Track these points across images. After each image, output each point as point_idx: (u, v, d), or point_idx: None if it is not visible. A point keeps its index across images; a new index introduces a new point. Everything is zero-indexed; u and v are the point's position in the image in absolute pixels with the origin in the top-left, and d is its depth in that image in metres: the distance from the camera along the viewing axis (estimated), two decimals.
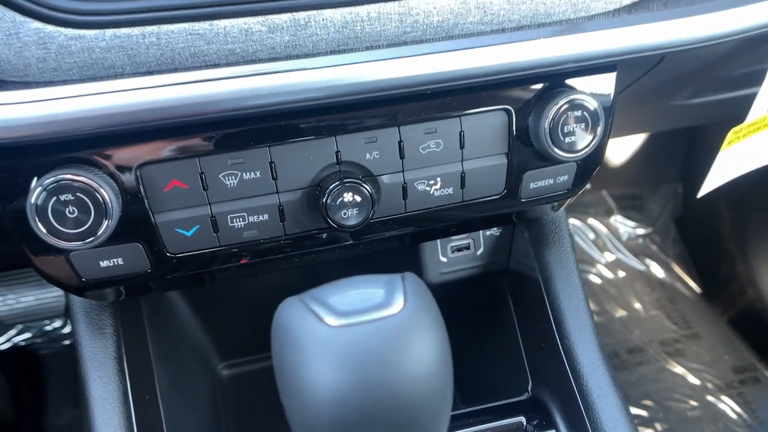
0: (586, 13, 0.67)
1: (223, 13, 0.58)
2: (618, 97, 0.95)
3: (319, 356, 0.41)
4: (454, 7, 0.62)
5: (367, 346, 0.40)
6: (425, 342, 0.43)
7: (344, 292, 0.45)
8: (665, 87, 1.05)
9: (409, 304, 0.44)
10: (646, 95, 1.07)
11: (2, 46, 0.55)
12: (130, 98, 0.56)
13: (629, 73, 0.86)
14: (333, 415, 0.40)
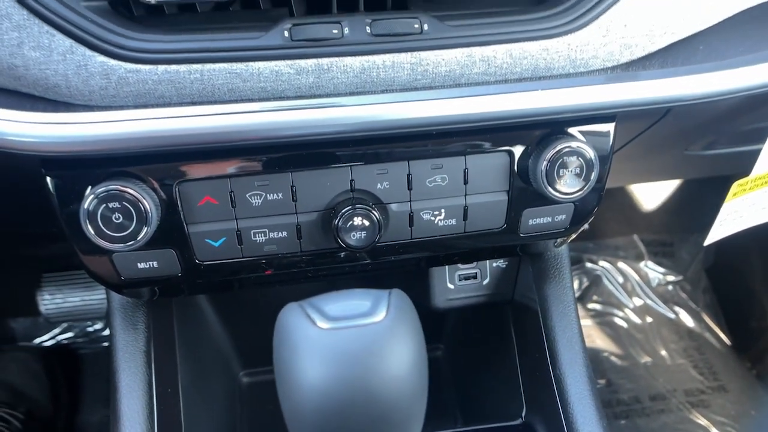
0: (584, 69, 0.74)
1: (257, 57, 0.67)
2: (632, 145, 1.01)
3: (308, 353, 0.48)
4: (461, 59, 0.70)
5: (349, 348, 0.47)
6: (400, 348, 0.49)
7: (337, 302, 0.53)
8: (679, 137, 1.09)
9: (390, 315, 0.50)
10: (660, 144, 1.12)
11: (72, 75, 0.66)
12: (176, 124, 0.65)
13: (636, 123, 0.92)
14: (316, 405, 0.47)
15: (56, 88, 0.66)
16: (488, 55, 0.71)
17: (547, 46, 0.72)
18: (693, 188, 2.17)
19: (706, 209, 2.18)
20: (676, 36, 0.76)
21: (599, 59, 0.74)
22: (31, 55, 0.65)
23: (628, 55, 0.75)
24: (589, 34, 0.72)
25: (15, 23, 0.64)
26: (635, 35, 0.74)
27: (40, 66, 0.65)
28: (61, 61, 0.65)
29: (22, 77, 0.66)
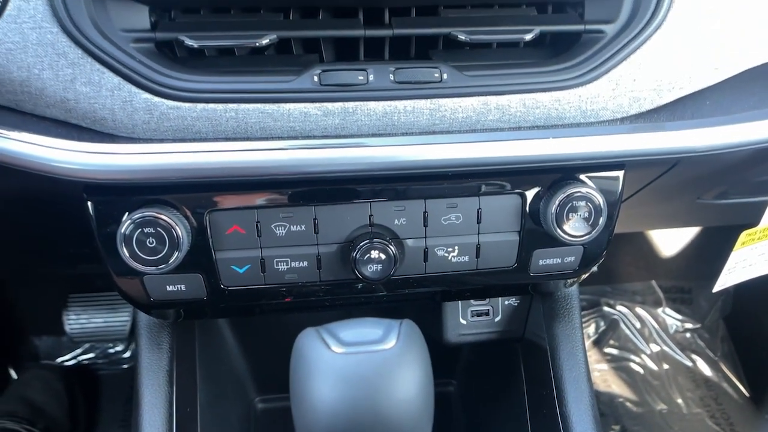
0: (594, 119, 0.78)
1: (288, 99, 0.73)
2: (644, 192, 1.04)
3: (322, 374, 0.52)
4: (477, 107, 0.75)
5: (360, 371, 0.51)
6: (408, 374, 0.53)
7: (351, 329, 0.56)
8: (690, 186, 1.12)
9: (400, 343, 0.54)
10: (672, 192, 1.15)
11: (119, 110, 0.72)
12: (211, 158, 0.71)
13: (646, 172, 0.95)
14: (328, 423, 0.50)
15: (103, 121, 0.73)
16: (503, 104, 0.75)
17: (559, 97, 0.76)
18: (712, 235, 2.18)
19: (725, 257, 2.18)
20: (683, 91, 0.80)
21: (609, 111, 0.78)
22: (82, 90, 0.71)
23: (637, 107, 0.79)
24: (600, 88, 0.77)
25: (70, 61, 0.71)
26: (644, 89, 0.78)
27: (89, 100, 0.72)
28: (109, 96, 0.71)
29: (73, 110, 0.72)
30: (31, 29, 0.70)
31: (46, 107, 0.73)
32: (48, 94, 0.71)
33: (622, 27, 0.78)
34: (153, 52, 0.74)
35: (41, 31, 0.70)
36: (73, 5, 0.70)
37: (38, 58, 0.70)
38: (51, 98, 0.72)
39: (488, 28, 0.76)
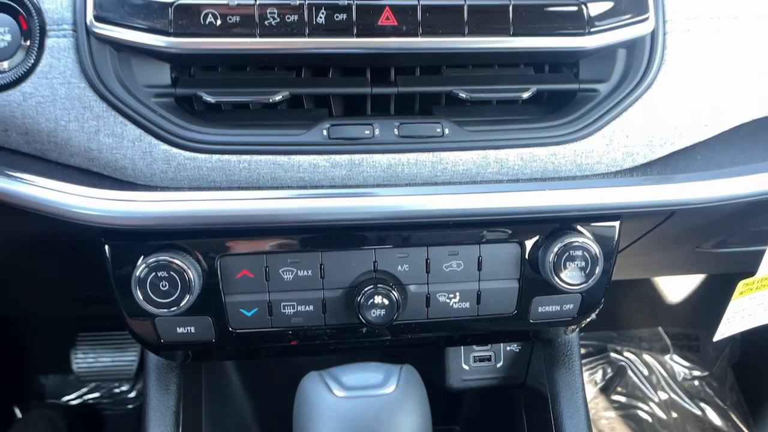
0: (590, 172, 0.82)
1: (298, 151, 0.77)
2: (642, 241, 1.06)
3: (324, 417, 0.54)
4: (477, 160, 0.79)
5: (360, 415, 0.53)
6: (406, 418, 0.55)
7: (353, 373, 0.59)
8: (688, 236, 1.15)
9: (399, 388, 0.56)
10: (670, 242, 1.17)
11: (139, 159, 0.76)
12: (224, 206, 0.75)
13: (643, 222, 0.98)
14: None
15: (123, 170, 0.77)
16: (501, 158, 0.79)
17: (555, 151, 0.80)
18: (716, 282, 2.18)
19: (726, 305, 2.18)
20: (675, 146, 0.84)
21: (603, 164, 0.82)
22: (105, 141, 0.76)
23: (630, 162, 0.83)
24: (594, 143, 0.81)
25: (95, 114, 0.76)
26: (636, 145, 0.82)
27: (112, 150, 0.76)
28: (130, 147, 0.76)
29: (96, 159, 0.77)
30: (60, 84, 0.75)
31: (70, 156, 0.77)
32: (73, 144, 0.76)
33: (614, 86, 0.82)
34: (173, 105, 0.79)
35: (70, 86, 0.75)
36: (100, 63, 0.75)
37: (65, 111, 0.75)
38: (75, 148, 0.76)
39: (488, 87, 0.81)
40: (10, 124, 0.76)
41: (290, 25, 0.73)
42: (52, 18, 0.75)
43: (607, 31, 0.78)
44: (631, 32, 0.79)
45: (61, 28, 0.75)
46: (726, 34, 0.83)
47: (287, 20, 0.73)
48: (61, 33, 0.75)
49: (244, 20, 0.72)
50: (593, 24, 0.77)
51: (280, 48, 0.74)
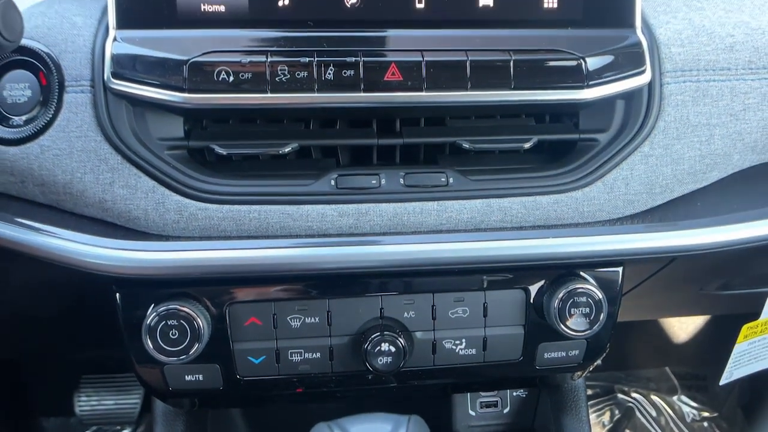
0: (591, 219, 0.84)
1: (307, 201, 0.79)
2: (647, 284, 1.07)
3: None
4: (481, 208, 0.81)
5: None
6: None
7: (361, 424, 0.59)
8: (692, 279, 1.16)
9: None
10: (675, 284, 1.18)
11: (152, 210, 0.78)
12: (235, 256, 0.77)
13: (647, 266, 1.00)
14: None
15: (136, 220, 0.79)
16: (505, 206, 0.81)
17: (558, 199, 0.82)
18: (725, 321, 2.17)
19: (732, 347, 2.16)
20: (674, 194, 0.86)
21: (605, 212, 0.84)
22: (119, 193, 0.78)
23: (631, 209, 0.85)
24: (595, 191, 0.83)
25: (110, 166, 0.78)
26: (637, 192, 0.84)
27: (126, 201, 0.78)
28: (143, 198, 0.78)
29: (110, 210, 0.79)
30: (77, 137, 0.78)
31: (84, 207, 0.79)
32: (88, 195, 0.78)
33: (614, 135, 0.85)
34: (185, 157, 0.81)
35: (86, 140, 0.78)
36: (116, 117, 0.78)
37: (82, 163, 0.78)
38: (90, 199, 0.78)
39: (490, 137, 0.83)
40: (27, 176, 0.79)
41: (300, 81, 0.76)
42: (71, 74, 0.78)
43: (605, 83, 0.81)
44: (628, 84, 0.82)
45: (80, 84, 0.78)
46: (720, 84, 0.86)
47: (297, 76, 0.76)
48: (79, 89, 0.78)
49: (255, 77, 0.75)
50: (592, 77, 0.80)
51: (290, 103, 0.77)
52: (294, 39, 0.78)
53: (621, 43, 0.82)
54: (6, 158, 0.78)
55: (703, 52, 0.86)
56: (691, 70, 0.85)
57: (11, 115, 0.79)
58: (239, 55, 0.76)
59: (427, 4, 0.80)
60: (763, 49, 0.87)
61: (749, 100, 0.87)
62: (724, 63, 0.86)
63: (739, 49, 0.87)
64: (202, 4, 0.78)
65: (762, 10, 0.92)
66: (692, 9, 0.91)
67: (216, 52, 0.76)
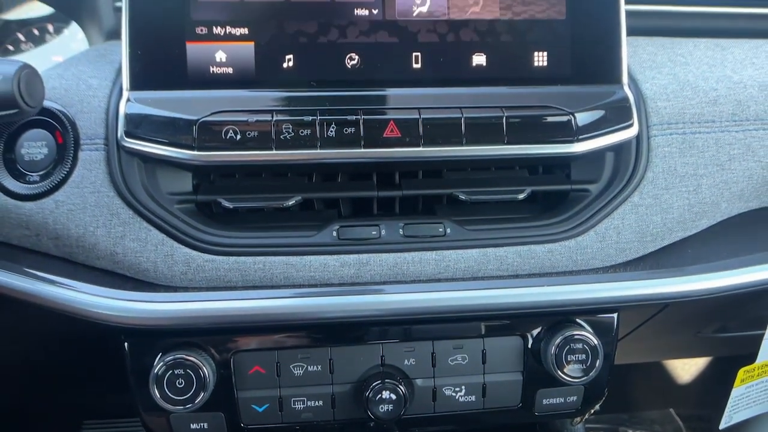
0: (585, 267, 0.86)
1: (310, 252, 0.82)
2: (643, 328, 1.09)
3: None
4: (478, 257, 0.84)
5: None
6: None
7: None
8: (688, 322, 1.17)
9: None
10: (671, 328, 1.19)
11: (161, 262, 0.81)
12: (240, 306, 0.79)
13: (642, 310, 1.02)
14: None
15: (146, 272, 0.82)
16: (501, 255, 0.84)
17: (552, 248, 0.85)
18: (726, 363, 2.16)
19: None
20: (665, 241, 0.89)
21: (598, 260, 0.86)
22: (130, 246, 0.81)
23: (624, 257, 0.87)
24: (588, 240, 0.86)
25: (122, 220, 0.81)
26: (628, 240, 0.87)
27: (136, 254, 0.81)
28: (153, 251, 0.81)
29: (120, 262, 0.82)
30: (91, 193, 0.81)
31: (96, 259, 0.82)
32: (100, 248, 0.81)
33: (604, 186, 0.88)
34: (193, 210, 0.85)
35: (99, 195, 0.81)
36: (128, 173, 0.82)
37: (94, 217, 0.81)
38: (102, 252, 0.82)
39: (485, 189, 0.87)
40: (42, 230, 0.82)
41: (303, 138, 0.80)
42: (86, 133, 0.82)
43: (594, 137, 0.84)
44: (617, 137, 0.86)
45: (94, 143, 0.82)
46: (705, 136, 0.90)
47: (301, 134, 0.80)
48: (93, 147, 0.82)
49: (261, 135, 0.80)
50: (581, 132, 0.84)
51: (294, 159, 0.81)
52: (298, 98, 0.83)
53: (609, 98, 0.86)
54: (22, 213, 0.81)
55: (688, 105, 0.90)
56: (677, 123, 0.89)
57: (28, 171, 0.82)
58: (246, 115, 0.80)
59: (423, 63, 0.85)
60: (745, 102, 0.92)
61: (734, 151, 0.90)
62: (709, 116, 0.90)
63: (722, 102, 0.91)
64: (211, 66, 0.82)
65: (743, 65, 0.97)
66: (677, 64, 0.95)
67: (224, 112, 0.80)
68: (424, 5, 0.85)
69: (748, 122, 0.91)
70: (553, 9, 0.87)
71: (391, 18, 0.85)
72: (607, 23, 0.87)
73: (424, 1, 0.85)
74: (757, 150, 0.91)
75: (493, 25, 0.86)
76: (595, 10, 0.87)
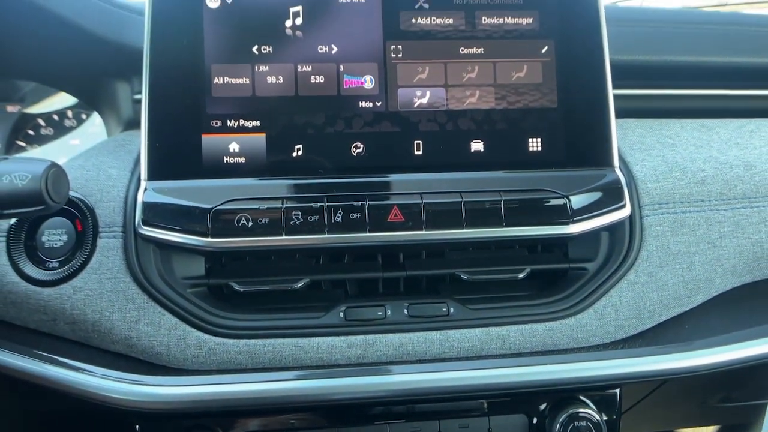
0: (585, 344, 0.89)
1: (317, 333, 0.85)
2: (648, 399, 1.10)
3: None
4: (481, 337, 0.86)
5: None
6: None
7: None
8: (692, 393, 1.18)
9: None
10: (676, 399, 1.20)
11: (173, 346, 0.84)
12: (250, 389, 0.81)
13: (644, 384, 1.03)
14: None
15: (159, 356, 0.84)
16: (503, 334, 0.87)
17: (553, 327, 0.88)
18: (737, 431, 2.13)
19: None
20: (662, 317, 0.92)
21: (598, 337, 0.89)
22: (144, 330, 0.84)
23: (623, 333, 0.90)
24: (587, 318, 0.88)
25: (137, 305, 0.85)
26: (626, 318, 0.89)
27: (149, 338, 0.84)
28: (166, 335, 0.84)
29: (134, 346, 0.85)
30: (108, 279, 0.85)
31: (111, 343, 0.85)
32: (115, 333, 0.84)
33: (601, 264, 0.92)
34: (205, 293, 0.88)
35: (116, 281, 0.85)
36: (144, 259, 0.86)
37: (110, 302, 0.84)
38: (117, 336, 0.84)
39: (486, 269, 0.90)
40: (59, 315, 0.85)
41: (312, 224, 0.84)
42: (105, 221, 0.87)
43: (589, 219, 0.88)
44: (610, 218, 0.90)
45: (112, 230, 0.86)
46: (696, 215, 0.94)
47: (309, 220, 0.84)
48: (111, 234, 0.86)
49: (272, 222, 0.84)
50: (576, 213, 0.88)
51: (302, 244, 0.84)
52: (306, 185, 0.87)
53: (601, 181, 0.91)
54: (41, 298, 0.85)
55: (678, 186, 0.95)
56: (667, 203, 0.94)
57: (48, 258, 0.86)
58: (257, 202, 0.85)
59: (425, 150, 0.90)
60: (732, 182, 0.96)
61: (724, 229, 0.94)
62: (698, 195, 0.95)
63: (710, 182, 0.96)
64: (225, 157, 0.88)
65: (728, 145, 1.02)
66: (665, 146, 1.00)
67: (236, 200, 0.85)
68: (424, 97, 0.91)
69: (736, 201, 0.96)
70: (546, 98, 0.92)
71: (394, 109, 0.90)
72: (596, 110, 0.93)
73: (424, 93, 0.91)
74: (746, 227, 0.95)
75: (490, 114, 0.91)
76: (584, 99, 0.93)
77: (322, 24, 0.90)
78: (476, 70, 0.92)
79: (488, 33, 0.92)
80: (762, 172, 0.98)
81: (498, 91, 0.92)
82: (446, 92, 0.91)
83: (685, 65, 1.12)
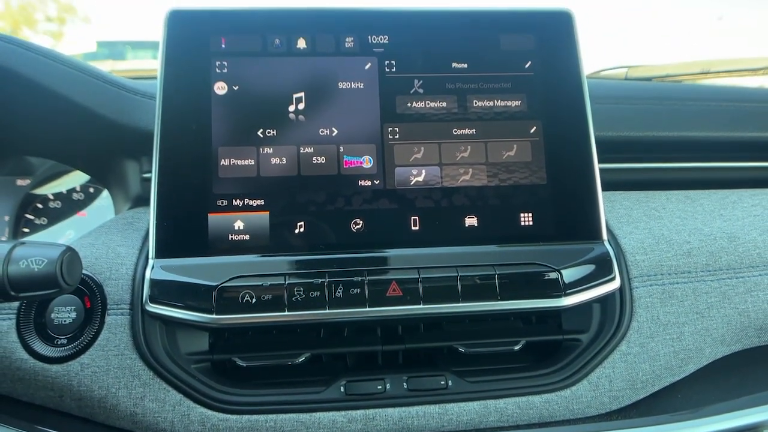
0: (581, 415, 0.90)
1: (318, 408, 0.87)
2: None
3: None
4: (479, 410, 0.88)
5: None
6: None
7: None
8: None
9: None
10: None
11: (178, 422, 0.86)
12: None
13: None
14: None
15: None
16: (501, 407, 0.89)
17: (549, 398, 0.90)
18: None
19: None
20: (655, 387, 0.94)
21: (593, 408, 0.91)
22: (149, 406, 0.86)
23: (617, 404, 0.92)
24: (582, 389, 0.90)
25: (142, 381, 0.87)
26: (620, 388, 0.92)
27: (154, 414, 0.86)
28: (171, 411, 0.86)
29: (139, 422, 0.86)
30: (115, 356, 0.87)
31: (116, 419, 0.87)
32: (120, 409, 0.86)
33: (594, 336, 0.94)
34: (209, 368, 0.90)
35: (122, 357, 0.87)
36: (150, 336, 0.88)
37: (117, 379, 0.86)
38: (122, 412, 0.86)
39: (483, 341, 0.93)
40: (66, 391, 0.87)
41: (313, 299, 0.87)
42: (113, 299, 0.90)
43: (580, 291, 0.92)
44: (601, 290, 0.93)
45: (120, 307, 0.89)
46: (684, 286, 0.97)
47: (311, 296, 0.87)
48: (119, 311, 0.89)
49: (274, 298, 0.87)
50: (568, 287, 0.91)
51: (304, 319, 0.87)
52: (308, 261, 0.91)
53: (591, 254, 0.94)
54: (49, 375, 0.87)
55: (665, 258, 0.99)
56: (656, 274, 0.97)
57: (57, 335, 0.89)
58: (260, 279, 0.88)
59: (421, 226, 0.94)
60: (717, 253, 1.00)
61: (711, 299, 0.98)
62: (684, 267, 0.98)
63: (696, 254, 1.00)
64: (230, 234, 0.91)
65: (712, 216, 1.07)
66: (651, 218, 1.05)
67: (240, 277, 0.88)
68: (420, 176, 0.96)
69: (722, 272, 0.99)
70: (535, 175, 0.97)
71: (391, 187, 0.95)
72: (584, 186, 0.97)
73: (420, 171, 0.96)
74: (732, 297, 0.99)
75: (482, 191, 0.96)
76: (572, 175, 0.98)
77: (323, 108, 0.96)
78: (469, 149, 0.97)
79: (479, 115, 0.98)
80: (745, 243, 1.02)
81: (490, 169, 0.97)
82: (441, 170, 0.96)
83: (666, 140, 1.18)
